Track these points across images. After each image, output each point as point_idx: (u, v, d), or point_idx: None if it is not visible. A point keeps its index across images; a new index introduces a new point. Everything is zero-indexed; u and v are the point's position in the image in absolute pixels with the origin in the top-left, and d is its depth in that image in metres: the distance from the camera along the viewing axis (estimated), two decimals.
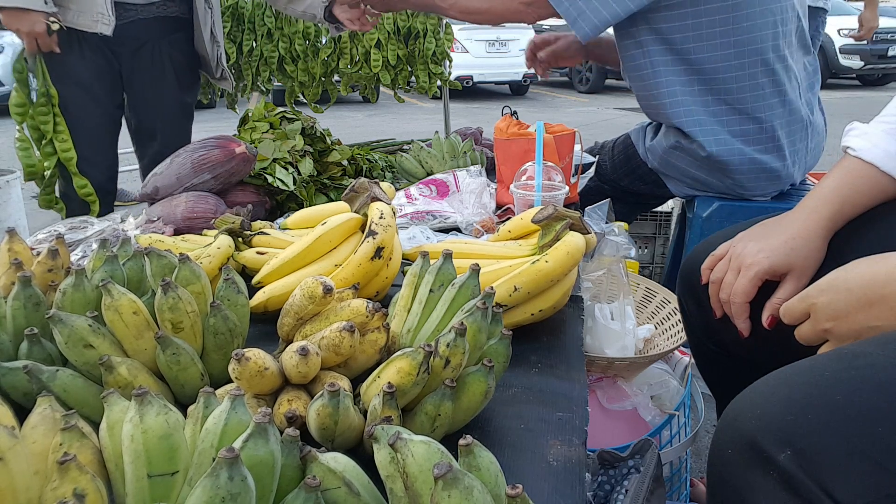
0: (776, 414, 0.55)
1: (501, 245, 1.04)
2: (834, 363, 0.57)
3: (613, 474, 0.89)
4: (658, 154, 1.62)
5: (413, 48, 2.24)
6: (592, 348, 1.17)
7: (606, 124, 1.81)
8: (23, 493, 0.49)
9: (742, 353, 0.95)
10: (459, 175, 1.58)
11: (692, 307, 1.02)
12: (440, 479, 0.43)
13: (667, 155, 1.60)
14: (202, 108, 7.52)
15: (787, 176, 1.54)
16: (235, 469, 0.43)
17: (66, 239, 1.10)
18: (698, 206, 1.64)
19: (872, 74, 9.64)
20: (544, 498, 0.63)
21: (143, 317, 0.73)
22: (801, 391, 0.56)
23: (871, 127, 0.85)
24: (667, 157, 1.60)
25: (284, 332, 0.80)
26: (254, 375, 0.66)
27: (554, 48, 1.84)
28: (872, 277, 0.62)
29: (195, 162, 1.41)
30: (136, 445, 0.49)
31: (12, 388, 0.68)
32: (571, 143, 1.54)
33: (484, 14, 1.61)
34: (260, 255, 1.07)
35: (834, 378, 0.55)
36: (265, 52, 2.24)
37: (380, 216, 0.96)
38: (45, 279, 0.85)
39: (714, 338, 1.00)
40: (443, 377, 0.66)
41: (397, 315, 0.81)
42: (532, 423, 0.75)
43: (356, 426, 0.64)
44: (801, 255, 0.80)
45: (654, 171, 1.67)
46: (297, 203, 1.58)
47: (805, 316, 0.69)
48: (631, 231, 1.95)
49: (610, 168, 1.80)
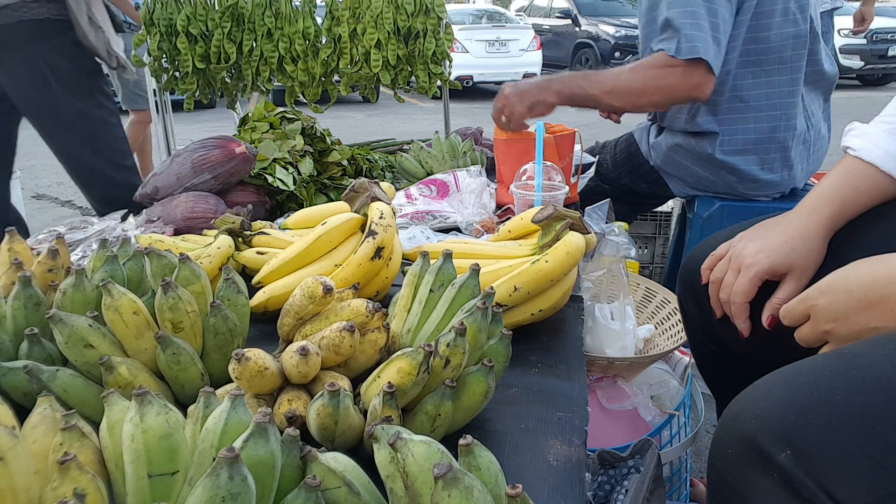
0: (776, 414, 0.55)
1: (501, 245, 1.04)
2: (834, 363, 0.57)
3: (613, 474, 0.89)
4: (661, 151, 1.63)
5: (413, 48, 2.23)
6: (592, 348, 1.17)
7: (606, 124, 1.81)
8: (23, 492, 0.49)
9: (742, 353, 0.95)
10: (459, 175, 1.58)
11: (692, 307, 1.02)
12: (440, 478, 0.43)
13: (671, 152, 1.60)
14: (202, 108, 7.53)
15: (790, 179, 1.55)
16: (236, 469, 0.43)
17: (66, 239, 1.10)
18: (698, 207, 1.64)
19: (872, 74, 9.64)
20: (544, 498, 0.63)
21: (144, 317, 0.73)
22: (802, 391, 0.56)
23: (871, 127, 0.85)
24: (671, 153, 1.60)
25: (284, 332, 0.80)
26: (254, 375, 0.66)
27: None
28: (872, 279, 0.62)
29: (195, 162, 1.41)
30: (137, 445, 0.49)
31: (12, 387, 0.68)
32: (571, 143, 1.54)
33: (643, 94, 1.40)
34: (260, 255, 1.07)
35: (834, 378, 0.55)
36: (265, 52, 2.24)
37: (380, 216, 0.96)
38: (45, 279, 0.85)
39: (714, 338, 1.00)
40: (443, 377, 0.66)
41: (397, 315, 0.81)
42: (532, 423, 0.75)
43: (356, 426, 0.64)
44: (801, 255, 0.80)
45: (656, 169, 1.67)
46: (297, 203, 1.58)
47: (805, 317, 0.69)
48: (631, 231, 1.95)
49: (611, 166, 1.80)
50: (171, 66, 2.35)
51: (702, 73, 1.34)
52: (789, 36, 1.44)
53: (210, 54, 2.27)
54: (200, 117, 7.44)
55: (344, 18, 2.20)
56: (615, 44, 9.26)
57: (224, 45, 2.25)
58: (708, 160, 1.54)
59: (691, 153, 1.56)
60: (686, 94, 1.37)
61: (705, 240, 1.01)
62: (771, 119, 1.48)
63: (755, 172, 1.52)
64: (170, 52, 2.30)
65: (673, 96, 1.39)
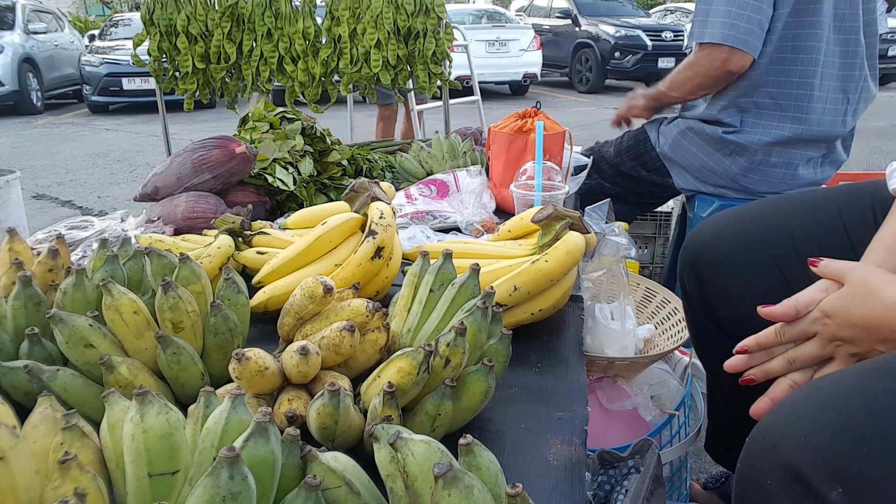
0: (825, 444, 0.49)
1: (501, 245, 1.05)
2: (886, 383, 0.51)
3: (613, 474, 0.89)
4: (671, 136, 1.68)
5: (413, 48, 2.23)
6: (592, 348, 1.17)
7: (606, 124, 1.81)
8: (24, 492, 0.49)
9: (738, 333, 0.95)
10: (459, 175, 1.58)
11: (692, 284, 1.04)
12: (440, 478, 0.43)
13: (680, 136, 1.66)
14: (202, 108, 7.54)
15: (794, 179, 1.56)
16: (236, 468, 0.43)
17: (66, 239, 1.10)
18: (698, 206, 1.65)
19: None
20: (544, 497, 0.63)
21: (144, 316, 0.73)
22: (853, 419, 0.50)
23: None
24: (679, 138, 1.66)
25: (284, 332, 0.80)
26: (254, 375, 0.66)
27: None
28: (869, 319, 0.61)
29: (195, 162, 1.41)
30: (137, 445, 0.49)
31: (13, 387, 0.68)
32: (561, 142, 1.54)
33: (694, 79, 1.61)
34: (260, 255, 1.07)
35: (890, 404, 0.49)
36: (265, 52, 2.24)
37: (380, 216, 0.96)
38: (45, 279, 0.85)
39: (711, 316, 1.02)
40: (443, 377, 0.66)
41: (397, 315, 0.82)
42: (532, 423, 0.75)
43: (356, 426, 0.64)
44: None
45: (661, 156, 1.71)
46: (297, 203, 1.58)
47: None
48: (631, 231, 1.96)
49: (614, 151, 1.83)
50: (171, 66, 2.35)
51: (726, 53, 1.50)
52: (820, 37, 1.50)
53: (210, 54, 2.27)
54: (200, 117, 7.44)
55: (344, 18, 2.20)
56: (615, 44, 9.25)
57: (224, 45, 2.25)
58: (718, 142, 1.59)
59: (701, 136, 1.62)
60: (719, 70, 1.54)
61: (709, 219, 1.04)
62: (795, 120, 1.53)
63: (761, 161, 1.56)
64: (170, 52, 2.30)
65: (709, 75, 1.56)
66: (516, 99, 9.17)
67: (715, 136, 1.59)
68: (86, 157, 5.61)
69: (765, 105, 1.54)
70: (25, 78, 8.10)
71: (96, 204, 4.25)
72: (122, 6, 22.05)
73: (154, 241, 1.10)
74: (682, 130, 1.65)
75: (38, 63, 8.41)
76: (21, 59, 8.04)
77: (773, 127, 1.54)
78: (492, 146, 1.58)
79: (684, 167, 1.66)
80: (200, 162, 1.40)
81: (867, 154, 5.17)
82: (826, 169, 1.63)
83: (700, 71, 1.56)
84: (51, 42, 8.99)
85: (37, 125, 7.48)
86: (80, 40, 10.13)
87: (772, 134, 1.54)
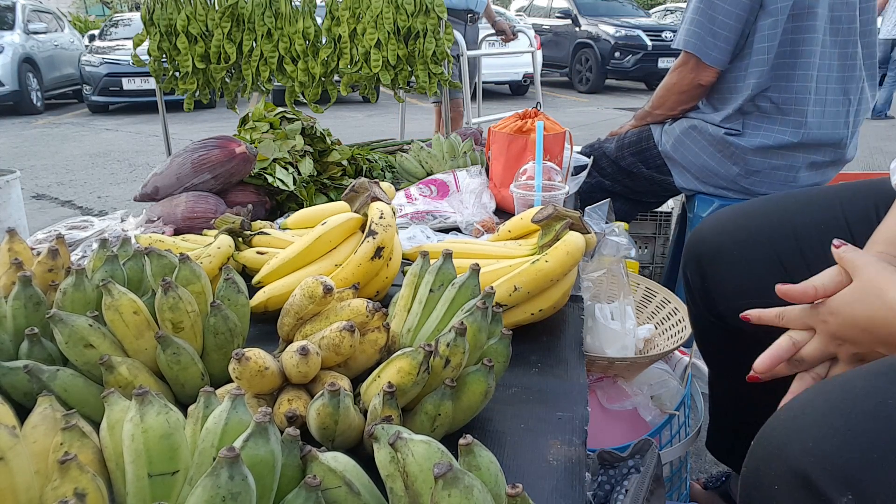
0: (833, 449, 0.48)
1: (501, 245, 1.04)
2: (894, 386, 0.50)
3: (613, 474, 0.89)
4: (674, 135, 1.70)
5: (413, 48, 2.23)
6: (592, 348, 1.16)
7: (606, 124, 1.81)
8: (23, 492, 0.49)
9: (740, 326, 0.95)
10: (459, 175, 1.58)
11: (695, 278, 1.04)
12: (440, 478, 0.43)
13: (683, 135, 1.68)
14: (202, 108, 7.54)
15: (794, 181, 1.57)
16: (236, 468, 0.43)
17: (66, 239, 1.10)
18: (698, 206, 1.65)
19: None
20: (544, 497, 0.63)
21: (144, 316, 0.73)
22: (862, 424, 0.49)
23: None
24: (682, 136, 1.68)
25: (284, 332, 0.80)
26: (254, 375, 0.66)
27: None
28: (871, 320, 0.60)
29: (195, 162, 1.41)
30: (137, 445, 0.49)
31: (13, 387, 0.68)
32: (561, 142, 1.54)
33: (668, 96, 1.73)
34: (260, 255, 1.07)
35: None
36: (265, 52, 2.24)
37: (380, 216, 0.96)
38: (45, 279, 0.85)
39: (714, 310, 1.02)
40: (443, 377, 0.66)
41: (397, 315, 0.81)
42: (532, 423, 0.75)
43: (356, 426, 0.64)
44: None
45: (663, 155, 1.72)
46: (297, 203, 1.58)
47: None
48: (631, 231, 1.96)
49: (615, 146, 1.84)
50: (171, 66, 2.35)
51: (693, 68, 1.61)
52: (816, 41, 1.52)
53: (210, 54, 2.27)
54: (200, 117, 7.44)
55: (344, 18, 2.20)
56: (615, 44, 9.25)
57: (224, 45, 2.25)
58: (720, 143, 1.61)
59: (704, 136, 1.63)
60: (690, 86, 1.65)
61: (712, 214, 1.05)
62: (795, 125, 1.54)
63: (762, 164, 1.57)
64: (170, 52, 2.30)
65: (682, 91, 1.67)
66: (516, 99, 9.17)
67: (718, 137, 1.60)
68: (86, 157, 5.61)
69: (766, 109, 1.55)
70: (25, 78, 8.10)
71: (96, 204, 4.25)
72: (122, 6, 22.05)
73: (154, 241, 1.10)
74: (685, 129, 1.67)
75: (38, 63, 8.41)
76: (21, 59, 8.04)
77: (774, 131, 1.55)
78: (492, 146, 1.58)
79: (685, 167, 1.67)
80: (200, 162, 1.40)
81: (867, 154, 5.17)
82: (828, 171, 1.63)
83: (674, 89, 1.70)
84: (51, 42, 8.99)
85: (37, 125, 7.48)
86: (80, 40, 10.13)
87: (773, 138, 1.55)
